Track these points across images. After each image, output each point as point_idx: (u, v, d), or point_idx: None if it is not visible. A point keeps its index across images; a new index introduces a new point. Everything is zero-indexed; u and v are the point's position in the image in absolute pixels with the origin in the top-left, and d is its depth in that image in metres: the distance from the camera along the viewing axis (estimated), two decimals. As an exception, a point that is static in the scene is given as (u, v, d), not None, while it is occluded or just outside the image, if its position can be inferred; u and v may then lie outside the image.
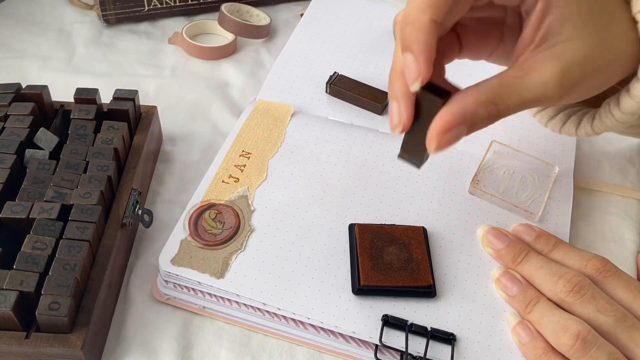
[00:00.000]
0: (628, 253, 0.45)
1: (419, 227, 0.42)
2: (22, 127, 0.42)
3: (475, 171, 0.46)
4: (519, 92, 0.33)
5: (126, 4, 0.62)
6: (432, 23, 0.32)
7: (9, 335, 0.33)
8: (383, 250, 0.40)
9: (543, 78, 0.33)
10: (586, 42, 0.34)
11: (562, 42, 0.33)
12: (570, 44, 0.33)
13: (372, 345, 0.37)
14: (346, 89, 0.53)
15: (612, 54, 0.35)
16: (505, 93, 0.33)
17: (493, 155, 0.48)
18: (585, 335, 0.34)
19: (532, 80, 0.33)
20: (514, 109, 0.34)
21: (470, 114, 0.33)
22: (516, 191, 0.45)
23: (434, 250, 0.41)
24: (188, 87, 0.57)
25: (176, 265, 0.39)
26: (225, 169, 0.45)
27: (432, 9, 0.32)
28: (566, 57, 0.33)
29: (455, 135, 0.33)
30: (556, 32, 0.33)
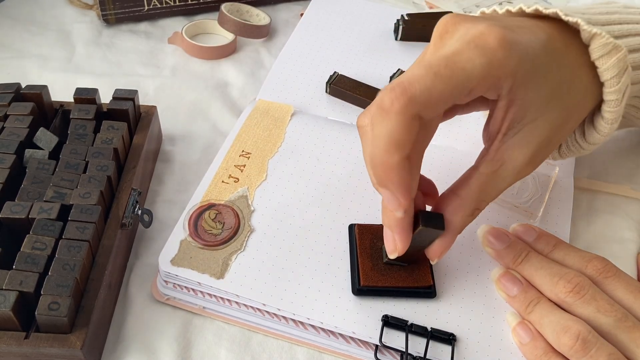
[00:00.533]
0: (629, 253, 0.45)
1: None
2: (21, 127, 0.42)
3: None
4: (496, 188, 0.35)
5: (126, 3, 0.62)
6: (402, 161, 0.31)
7: (8, 335, 0.33)
8: (383, 250, 0.40)
9: (515, 166, 0.35)
10: (550, 117, 0.35)
11: (527, 125, 0.34)
12: (533, 125, 0.34)
13: (372, 345, 0.37)
14: (346, 89, 0.53)
15: (574, 114, 0.37)
16: (486, 196, 0.35)
17: None
18: (586, 335, 0.34)
19: (506, 171, 0.35)
20: (494, 199, 0.36)
21: (462, 228, 0.36)
22: (517, 191, 0.45)
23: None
24: (188, 87, 0.57)
25: (176, 265, 0.39)
26: (225, 169, 0.45)
27: (397, 148, 0.31)
28: (533, 140, 0.35)
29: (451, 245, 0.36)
30: (519, 118, 0.34)
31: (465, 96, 0.32)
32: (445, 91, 0.30)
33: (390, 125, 0.30)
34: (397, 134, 0.30)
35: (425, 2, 0.69)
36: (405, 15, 0.60)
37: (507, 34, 0.32)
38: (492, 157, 0.35)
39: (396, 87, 0.30)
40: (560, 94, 0.35)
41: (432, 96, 0.30)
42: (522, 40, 0.33)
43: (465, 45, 0.31)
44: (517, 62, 0.32)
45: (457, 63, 0.31)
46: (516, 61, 0.32)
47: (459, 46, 0.31)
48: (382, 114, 0.30)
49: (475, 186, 0.35)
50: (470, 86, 0.31)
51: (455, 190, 0.36)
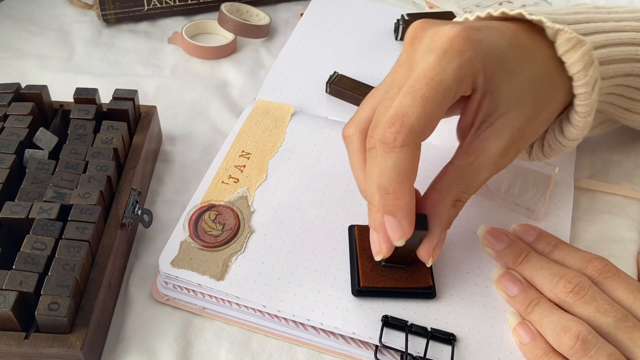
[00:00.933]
0: (629, 253, 0.45)
1: None
2: (21, 127, 0.42)
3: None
4: (475, 181, 0.36)
5: (126, 3, 0.62)
6: (411, 190, 0.33)
7: (8, 335, 0.33)
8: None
9: (490, 158, 0.36)
10: (522, 110, 0.36)
11: (500, 118, 0.36)
12: (507, 117, 0.36)
13: (372, 345, 0.37)
14: (346, 88, 0.53)
15: (546, 106, 0.38)
16: (465, 187, 0.36)
17: None
18: (586, 335, 0.34)
19: (481, 163, 0.36)
20: (474, 192, 0.37)
21: (447, 222, 0.36)
22: (517, 190, 0.45)
23: (434, 251, 0.41)
24: (188, 87, 0.57)
25: (176, 267, 0.39)
26: (225, 169, 0.45)
27: (408, 179, 0.33)
28: (506, 132, 0.36)
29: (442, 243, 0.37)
30: (491, 111, 0.35)
31: (452, 102, 0.34)
32: (435, 110, 0.32)
33: (397, 158, 0.32)
34: (405, 166, 0.32)
35: (425, 2, 0.69)
36: (405, 15, 0.60)
37: (470, 33, 0.34)
38: (467, 149, 0.36)
39: (395, 122, 0.32)
40: (531, 87, 0.36)
41: (427, 120, 0.32)
42: (487, 37, 0.35)
43: (435, 56, 0.33)
44: (485, 57, 0.34)
45: (434, 79, 0.32)
46: (483, 56, 0.34)
47: (431, 60, 0.33)
48: (388, 149, 0.32)
49: (452, 178, 0.36)
50: (452, 94, 0.33)
51: (434, 186, 0.37)
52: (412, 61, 0.35)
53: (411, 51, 0.35)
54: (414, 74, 0.33)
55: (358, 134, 0.37)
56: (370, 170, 0.35)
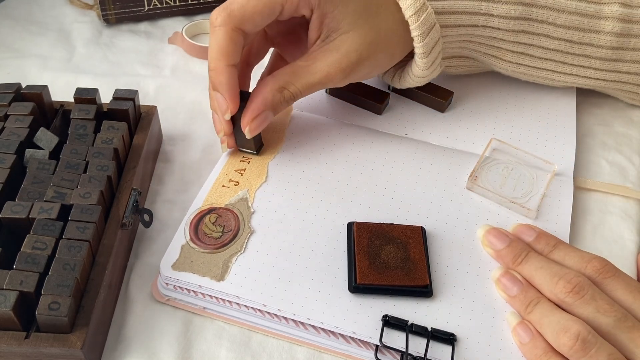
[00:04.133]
0: (628, 253, 0.45)
1: (418, 227, 0.42)
2: (22, 127, 0.42)
3: (473, 167, 0.46)
4: (306, 78, 0.42)
5: (126, 3, 0.62)
6: (230, 67, 0.41)
7: (8, 335, 0.33)
8: (381, 249, 0.40)
9: (325, 65, 0.42)
10: (359, 32, 0.42)
11: (339, 36, 0.42)
12: (346, 36, 0.42)
13: (372, 345, 0.37)
14: (346, 89, 0.53)
15: (384, 36, 0.44)
16: (295, 79, 0.42)
17: (492, 152, 0.48)
18: (586, 335, 0.34)
19: (316, 67, 0.42)
20: (303, 91, 0.43)
21: (270, 100, 0.42)
22: (514, 188, 0.45)
23: (433, 250, 0.41)
24: (188, 87, 0.57)
25: (177, 270, 0.39)
26: (226, 174, 0.45)
27: (225, 57, 0.40)
28: (343, 46, 0.42)
29: (264, 119, 0.43)
30: (334, 29, 0.42)
31: (280, 13, 0.41)
32: (257, 6, 0.40)
33: (215, 37, 0.40)
34: (222, 44, 0.40)
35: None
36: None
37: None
38: (308, 56, 0.43)
39: (220, 7, 0.40)
40: (369, 13, 0.43)
41: (247, 11, 0.39)
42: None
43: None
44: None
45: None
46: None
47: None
48: (212, 29, 0.40)
49: (288, 69, 0.43)
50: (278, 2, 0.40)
51: (271, 72, 0.44)
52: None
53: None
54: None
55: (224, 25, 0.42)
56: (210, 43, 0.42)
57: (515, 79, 0.54)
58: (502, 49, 0.49)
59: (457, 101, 0.54)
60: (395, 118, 0.52)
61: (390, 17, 0.44)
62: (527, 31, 0.47)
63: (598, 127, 0.54)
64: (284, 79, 0.42)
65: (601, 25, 0.46)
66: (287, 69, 0.43)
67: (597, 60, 0.49)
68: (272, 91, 0.42)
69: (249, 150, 0.46)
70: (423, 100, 0.53)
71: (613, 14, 0.46)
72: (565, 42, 0.48)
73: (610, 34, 0.47)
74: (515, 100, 0.55)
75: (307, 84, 0.43)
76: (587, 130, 0.54)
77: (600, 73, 0.50)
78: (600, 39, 0.47)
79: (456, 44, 0.48)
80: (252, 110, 0.42)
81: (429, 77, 0.48)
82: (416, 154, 0.48)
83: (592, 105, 0.56)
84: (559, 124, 0.52)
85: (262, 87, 0.42)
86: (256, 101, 0.42)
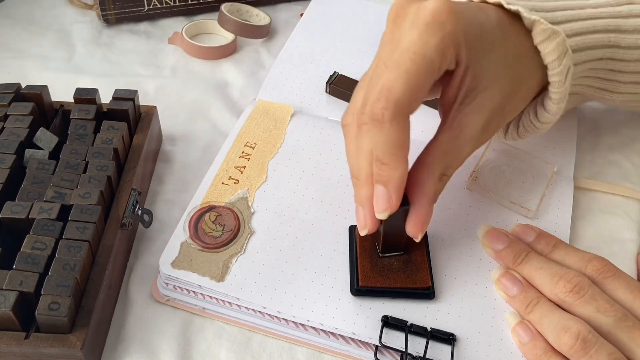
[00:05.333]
0: (628, 253, 0.45)
1: None
2: (21, 127, 0.42)
3: (473, 167, 0.46)
4: (459, 154, 0.38)
5: (126, 3, 0.62)
6: (405, 162, 0.35)
7: (8, 335, 0.33)
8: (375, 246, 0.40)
9: (473, 131, 0.37)
10: (501, 85, 0.38)
11: (481, 93, 0.37)
12: (488, 92, 0.37)
13: (372, 345, 0.37)
14: (346, 88, 0.53)
15: (524, 84, 0.39)
16: (450, 161, 0.37)
17: (492, 152, 0.48)
18: (586, 335, 0.34)
19: (464, 138, 0.37)
20: (459, 166, 0.38)
21: (434, 196, 0.37)
22: (514, 188, 0.45)
23: (434, 251, 0.41)
24: (188, 87, 0.57)
25: (176, 268, 0.39)
26: (225, 170, 0.45)
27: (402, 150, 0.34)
28: (487, 106, 0.37)
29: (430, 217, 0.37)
30: (475, 86, 0.37)
31: (437, 76, 0.35)
32: (419, 84, 0.33)
33: (388, 132, 0.33)
34: (397, 138, 0.33)
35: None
36: (405, 15, 0.60)
37: (453, 6, 0.34)
38: (450, 124, 0.37)
39: (381, 98, 0.33)
40: (510, 63, 0.38)
41: (412, 94, 0.33)
42: (470, 13, 0.36)
43: (418, 31, 0.33)
44: (466, 29, 0.35)
45: (417, 53, 0.33)
46: (465, 29, 0.35)
47: (414, 35, 0.33)
48: (378, 125, 0.33)
49: (437, 153, 0.37)
50: (436, 67, 0.34)
51: (421, 161, 0.38)
52: (397, 39, 0.35)
53: (395, 29, 0.36)
54: (398, 50, 0.34)
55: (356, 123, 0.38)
56: (360, 145, 0.36)
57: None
58: (618, 82, 0.45)
59: (457, 101, 0.54)
60: (395, 118, 0.52)
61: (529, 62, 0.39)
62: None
63: (598, 127, 0.54)
64: (440, 164, 0.37)
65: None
66: (436, 151, 0.37)
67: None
68: (434, 186, 0.37)
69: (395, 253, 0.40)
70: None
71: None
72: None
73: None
74: (515, 100, 0.54)
75: (462, 159, 0.38)
76: (587, 130, 0.54)
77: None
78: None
79: (576, 81, 0.44)
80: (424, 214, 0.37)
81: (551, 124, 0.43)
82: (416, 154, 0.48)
83: (593, 105, 0.56)
84: (559, 124, 0.52)
85: (422, 183, 0.37)
86: (422, 203, 0.37)
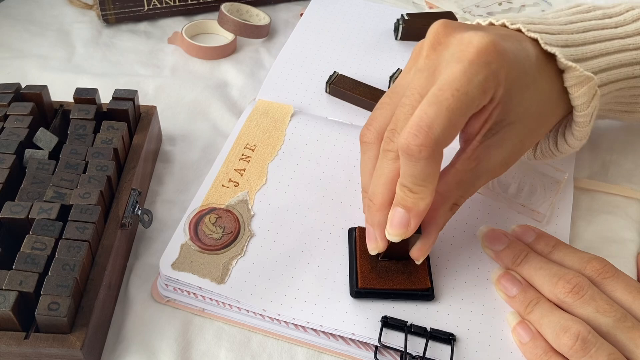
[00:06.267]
0: (628, 254, 0.45)
1: None
2: (21, 127, 0.42)
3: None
4: (473, 185, 0.38)
5: (126, 3, 0.62)
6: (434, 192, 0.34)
7: (8, 335, 0.33)
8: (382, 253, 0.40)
9: (492, 165, 0.37)
10: (526, 122, 0.37)
11: (505, 128, 0.37)
12: (512, 127, 0.37)
13: (371, 346, 0.37)
14: (346, 88, 0.53)
15: (547, 122, 0.40)
16: (464, 191, 0.37)
17: None
18: (586, 335, 0.34)
19: (482, 169, 0.37)
20: (470, 196, 0.38)
21: (443, 225, 0.38)
22: (525, 193, 0.45)
23: (433, 251, 0.41)
24: (188, 87, 0.57)
25: (177, 269, 0.39)
26: (225, 172, 0.45)
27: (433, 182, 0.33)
28: (510, 141, 0.37)
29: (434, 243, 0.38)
30: (501, 120, 0.36)
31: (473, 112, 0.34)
32: (459, 121, 0.32)
33: (422, 167, 0.32)
34: (430, 173, 0.33)
35: (425, 2, 0.69)
36: (405, 15, 0.60)
37: (499, 45, 0.33)
38: (470, 155, 0.36)
39: (419, 134, 0.31)
40: (539, 101, 0.37)
41: (451, 131, 0.32)
42: (512, 48, 0.35)
43: (462, 66, 0.32)
44: (509, 69, 0.34)
45: (460, 90, 0.32)
46: (507, 68, 0.34)
47: (457, 70, 0.32)
48: (413, 160, 0.32)
49: (453, 183, 0.37)
50: (476, 105, 0.33)
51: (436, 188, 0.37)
52: (435, 68, 0.34)
53: (434, 57, 0.35)
54: (439, 83, 0.32)
55: (378, 143, 0.37)
56: (381, 170, 0.35)
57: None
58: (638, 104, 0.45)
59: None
60: (395, 118, 0.52)
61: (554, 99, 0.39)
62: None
63: (598, 127, 0.54)
64: (453, 195, 0.37)
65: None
66: (452, 181, 0.37)
67: None
68: (444, 215, 0.37)
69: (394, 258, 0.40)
70: (423, 100, 0.53)
71: None
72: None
73: None
74: (515, 100, 0.54)
75: (474, 191, 0.38)
76: (587, 130, 0.54)
77: None
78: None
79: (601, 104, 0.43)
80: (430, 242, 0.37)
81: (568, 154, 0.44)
82: None
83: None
84: (559, 124, 0.52)
85: (434, 212, 0.36)
86: (431, 231, 0.37)
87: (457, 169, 0.37)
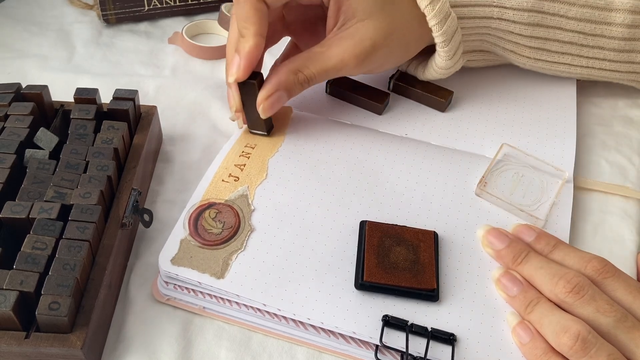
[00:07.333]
0: (628, 253, 0.45)
1: (430, 231, 0.41)
2: (22, 127, 0.42)
3: (483, 173, 0.46)
4: (320, 63, 0.44)
5: (126, 3, 0.62)
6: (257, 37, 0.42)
7: (8, 335, 0.33)
8: (390, 249, 0.40)
9: (340, 51, 0.44)
10: (375, 21, 0.44)
11: (355, 24, 0.44)
12: (362, 24, 0.44)
13: (372, 345, 0.37)
14: (346, 89, 0.53)
15: (399, 26, 0.45)
16: (310, 63, 0.44)
17: (503, 157, 0.48)
18: (586, 335, 0.34)
19: (331, 53, 0.44)
20: (318, 75, 0.44)
21: (284, 81, 0.44)
22: (523, 195, 0.45)
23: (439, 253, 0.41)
24: (188, 87, 0.57)
25: (176, 265, 0.39)
26: (225, 168, 0.45)
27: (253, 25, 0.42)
28: (358, 34, 0.44)
29: (277, 99, 0.44)
30: (350, 17, 0.44)
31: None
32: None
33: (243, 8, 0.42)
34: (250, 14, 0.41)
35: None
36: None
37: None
38: (324, 43, 0.45)
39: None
40: (385, 3, 0.45)
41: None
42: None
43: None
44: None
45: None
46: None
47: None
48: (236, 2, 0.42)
49: (303, 55, 0.45)
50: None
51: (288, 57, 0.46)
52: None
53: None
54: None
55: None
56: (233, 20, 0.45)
57: (515, 77, 0.55)
58: (519, 45, 0.50)
59: (457, 100, 0.54)
60: (396, 118, 0.52)
61: (406, 10, 0.45)
62: (542, 24, 0.48)
63: (598, 127, 0.54)
64: (300, 62, 0.44)
65: (612, 17, 0.47)
66: (303, 54, 0.44)
67: (610, 51, 0.49)
68: (287, 73, 0.43)
69: (260, 131, 0.48)
70: (423, 100, 0.53)
71: (623, 6, 0.46)
72: (578, 35, 0.48)
73: (621, 26, 0.47)
74: (515, 99, 0.55)
75: (321, 68, 0.44)
76: (587, 130, 0.54)
77: (615, 64, 0.50)
78: (612, 31, 0.48)
79: (476, 37, 0.50)
80: (267, 89, 0.44)
81: (452, 68, 0.50)
82: (416, 154, 0.48)
83: (592, 105, 0.56)
84: (559, 124, 0.52)
85: (277, 69, 0.44)
86: (271, 81, 0.44)
87: (311, 49, 0.45)
